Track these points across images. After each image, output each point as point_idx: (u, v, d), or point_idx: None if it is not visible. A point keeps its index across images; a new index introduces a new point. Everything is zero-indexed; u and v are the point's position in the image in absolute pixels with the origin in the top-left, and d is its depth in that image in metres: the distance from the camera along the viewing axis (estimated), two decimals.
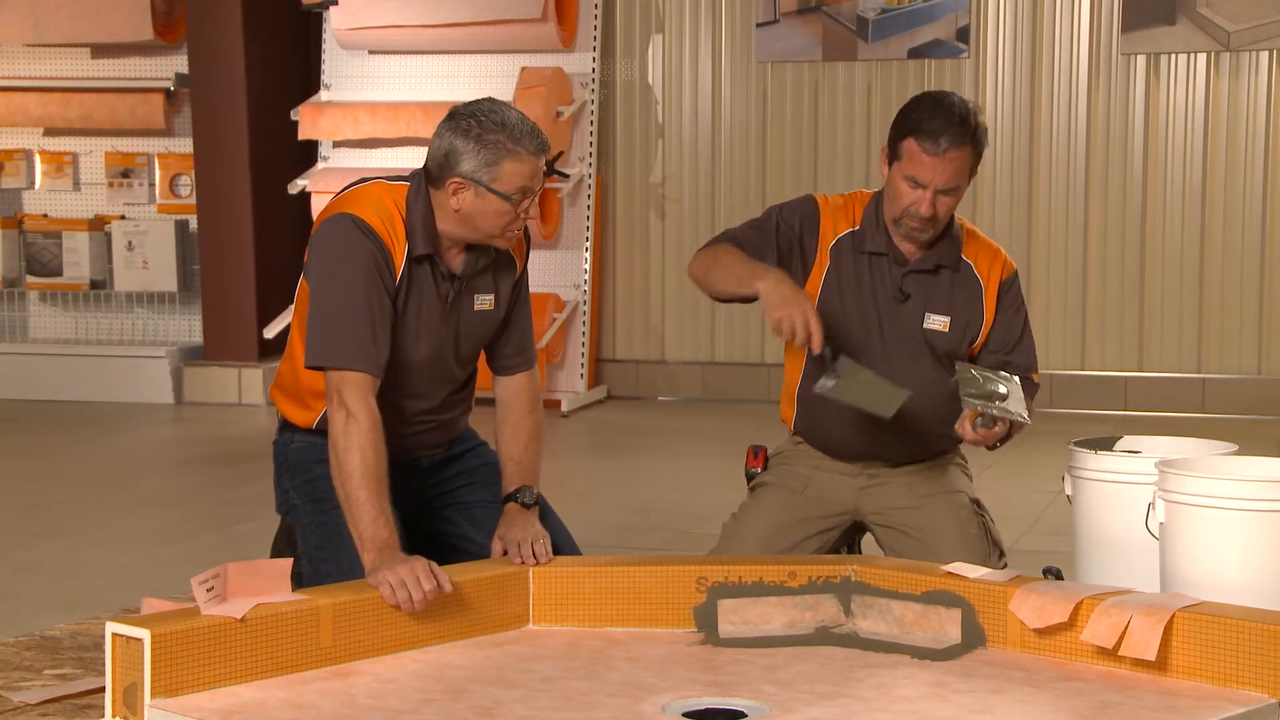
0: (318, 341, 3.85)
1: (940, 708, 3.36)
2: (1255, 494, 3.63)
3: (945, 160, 4.02)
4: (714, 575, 3.92)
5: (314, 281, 3.89)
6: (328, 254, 3.87)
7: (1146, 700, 3.37)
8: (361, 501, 3.72)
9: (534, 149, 3.82)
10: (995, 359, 4.20)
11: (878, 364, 4.11)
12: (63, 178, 9.73)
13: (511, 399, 4.15)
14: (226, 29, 9.09)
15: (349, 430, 3.74)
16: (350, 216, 3.85)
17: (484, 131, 3.78)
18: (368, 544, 3.70)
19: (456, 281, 3.98)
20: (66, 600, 4.74)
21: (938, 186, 4.04)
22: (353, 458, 3.72)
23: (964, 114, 4.03)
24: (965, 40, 8.86)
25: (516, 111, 3.85)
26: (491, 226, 3.87)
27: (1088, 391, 8.84)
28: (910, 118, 4.08)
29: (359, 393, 3.78)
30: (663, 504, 6.42)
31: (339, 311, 3.82)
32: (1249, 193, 8.62)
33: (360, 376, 3.79)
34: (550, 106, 8.65)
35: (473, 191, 3.81)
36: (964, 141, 4.02)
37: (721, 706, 3.41)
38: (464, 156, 3.79)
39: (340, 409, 3.77)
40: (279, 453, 4.18)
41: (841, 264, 4.20)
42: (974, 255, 4.25)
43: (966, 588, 3.77)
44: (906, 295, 4.18)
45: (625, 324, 9.42)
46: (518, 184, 3.81)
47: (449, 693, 3.43)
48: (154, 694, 3.26)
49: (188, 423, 8.69)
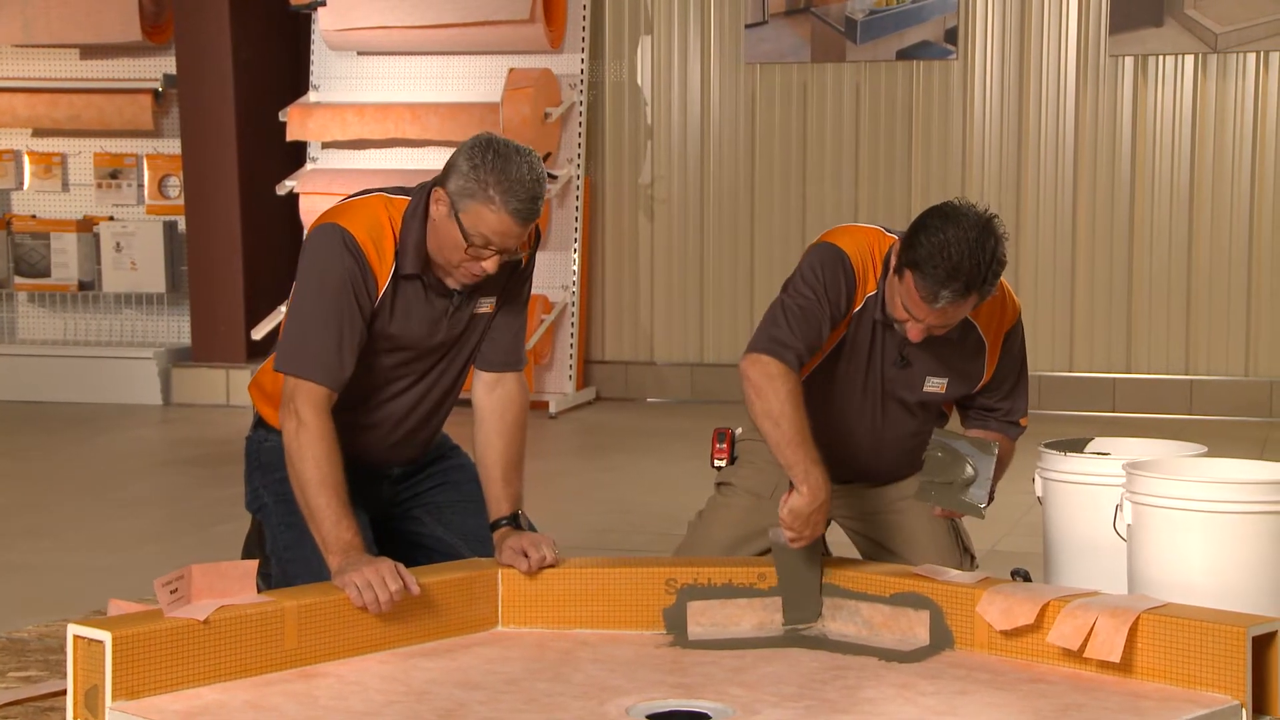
0: (285, 347, 3.85)
1: (905, 709, 3.36)
2: (1220, 495, 3.63)
3: (940, 311, 3.80)
4: (683, 577, 3.92)
5: (295, 288, 3.89)
6: (310, 264, 3.86)
7: (1110, 702, 3.37)
8: (321, 507, 3.72)
9: (513, 211, 3.71)
10: (986, 402, 4.17)
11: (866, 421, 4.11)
12: (51, 179, 9.72)
13: (502, 408, 4.05)
14: (214, 30, 9.08)
15: (300, 438, 3.74)
16: (338, 229, 3.84)
17: (483, 166, 3.71)
18: (331, 547, 3.70)
19: (456, 296, 3.93)
20: (39, 602, 4.73)
21: (930, 324, 3.86)
22: (308, 466, 3.72)
23: (975, 263, 3.71)
24: (953, 41, 8.86)
25: (533, 174, 3.73)
26: (448, 255, 3.81)
27: (1076, 393, 8.83)
28: (922, 246, 3.76)
29: (311, 402, 3.77)
30: (645, 505, 6.41)
31: (309, 323, 3.82)
32: (1236, 194, 8.62)
33: (316, 388, 3.79)
34: (538, 107, 8.65)
35: (446, 210, 3.77)
36: (967, 295, 3.77)
37: (685, 708, 3.40)
38: (455, 175, 3.75)
39: (292, 417, 3.77)
40: (251, 449, 4.18)
41: (860, 329, 4.05)
42: (980, 312, 4.02)
43: (935, 590, 3.77)
44: (908, 362, 4.07)
45: (614, 325, 9.41)
46: (479, 230, 3.73)
47: (412, 694, 3.42)
48: (115, 696, 3.26)
49: (174, 424, 8.69)
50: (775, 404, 3.85)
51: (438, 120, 8.78)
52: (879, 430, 4.14)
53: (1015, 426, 4.18)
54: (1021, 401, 4.18)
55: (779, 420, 3.84)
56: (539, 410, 8.70)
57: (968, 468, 3.93)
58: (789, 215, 9.14)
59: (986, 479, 3.93)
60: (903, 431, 4.13)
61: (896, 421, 4.14)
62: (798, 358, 3.91)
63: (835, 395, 4.11)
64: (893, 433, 4.13)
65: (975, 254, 3.71)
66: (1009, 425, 4.18)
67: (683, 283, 9.23)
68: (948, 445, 3.97)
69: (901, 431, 4.13)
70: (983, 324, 4.07)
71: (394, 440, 4.09)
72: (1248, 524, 3.61)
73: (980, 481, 3.92)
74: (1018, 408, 4.18)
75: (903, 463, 4.13)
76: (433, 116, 8.80)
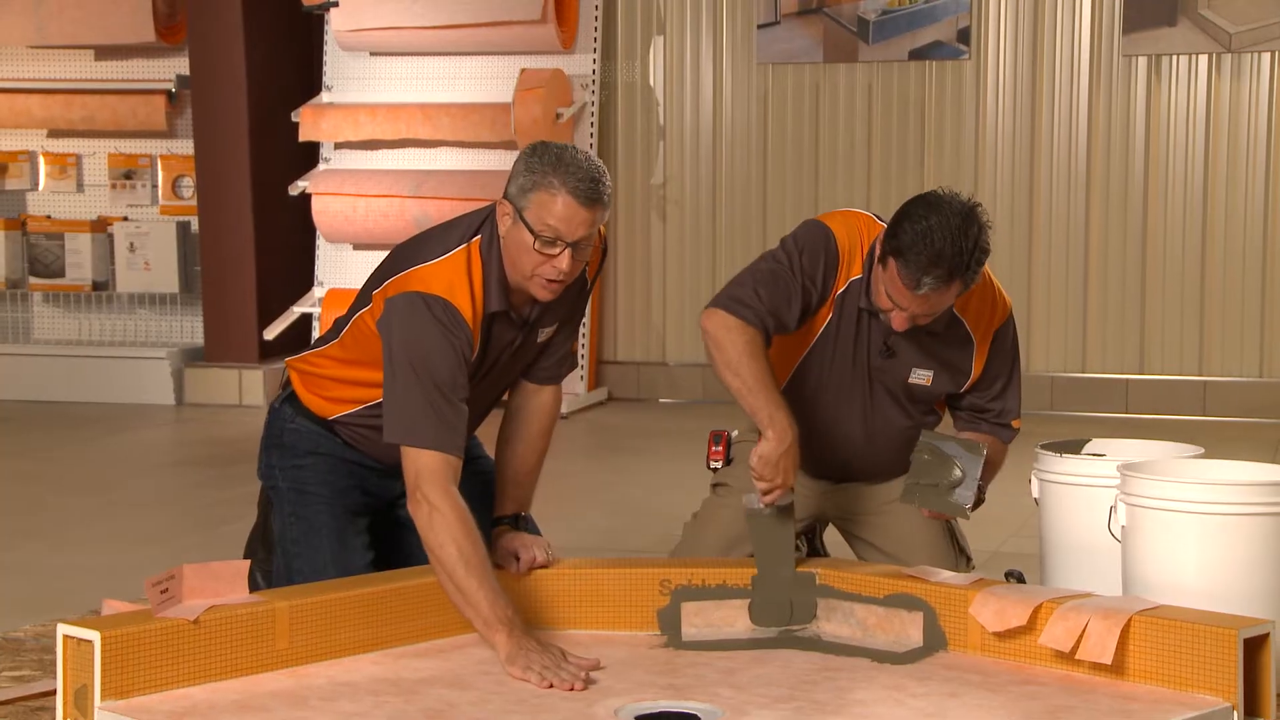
0: (400, 419, 3.72)
1: (894, 711, 3.36)
2: (1213, 497, 3.61)
3: (924, 298, 3.81)
4: (678, 578, 3.92)
5: (397, 359, 3.73)
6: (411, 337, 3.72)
7: (1101, 704, 3.36)
8: (473, 589, 3.62)
9: (574, 190, 3.65)
10: (977, 402, 4.16)
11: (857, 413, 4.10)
12: (66, 179, 9.74)
13: (534, 412, 4.06)
14: (227, 31, 9.09)
15: (434, 524, 3.63)
16: (433, 300, 3.72)
17: (540, 161, 3.68)
18: (495, 625, 3.60)
19: (526, 326, 3.90)
20: (39, 601, 4.74)
21: (914, 313, 3.87)
22: (449, 552, 3.62)
23: (958, 249, 3.73)
24: (966, 42, 8.84)
25: (589, 161, 3.69)
26: (523, 264, 3.72)
27: (1089, 394, 8.80)
28: (905, 234, 3.78)
29: (438, 482, 3.65)
30: (652, 506, 6.40)
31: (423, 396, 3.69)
32: (1250, 194, 8.58)
33: (441, 460, 3.67)
34: (550, 108, 8.64)
35: (511, 217, 3.72)
36: (950, 282, 3.77)
37: (674, 710, 3.40)
38: (514, 180, 3.72)
39: (422, 503, 3.65)
40: (274, 422, 4.12)
41: (843, 314, 4.05)
42: (968, 307, 4.06)
43: (928, 591, 3.77)
44: (893, 352, 4.07)
45: (626, 326, 9.41)
46: (544, 219, 3.65)
47: (402, 695, 3.43)
48: (104, 696, 3.27)
49: (186, 424, 8.70)
50: (733, 354, 3.88)
51: (449, 121, 8.78)
52: (870, 423, 4.13)
53: (1007, 429, 4.17)
54: (1013, 402, 4.16)
55: (738, 369, 3.87)
56: None
57: (955, 470, 3.92)
58: (801, 215, 9.07)
59: (973, 480, 3.91)
60: (894, 426, 4.11)
61: (887, 415, 4.13)
62: (758, 318, 3.91)
63: (824, 385, 4.10)
64: (884, 427, 4.12)
65: (958, 241, 3.73)
66: (1000, 428, 4.16)
67: (695, 283, 9.21)
68: (935, 447, 3.96)
69: (893, 426, 4.12)
70: (970, 319, 4.07)
71: None
72: (1241, 525, 3.60)
73: (967, 483, 3.91)
74: (1009, 409, 4.16)
75: (896, 460, 4.12)
76: (444, 117, 8.80)
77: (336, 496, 4.00)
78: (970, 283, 3.82)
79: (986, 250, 3.80)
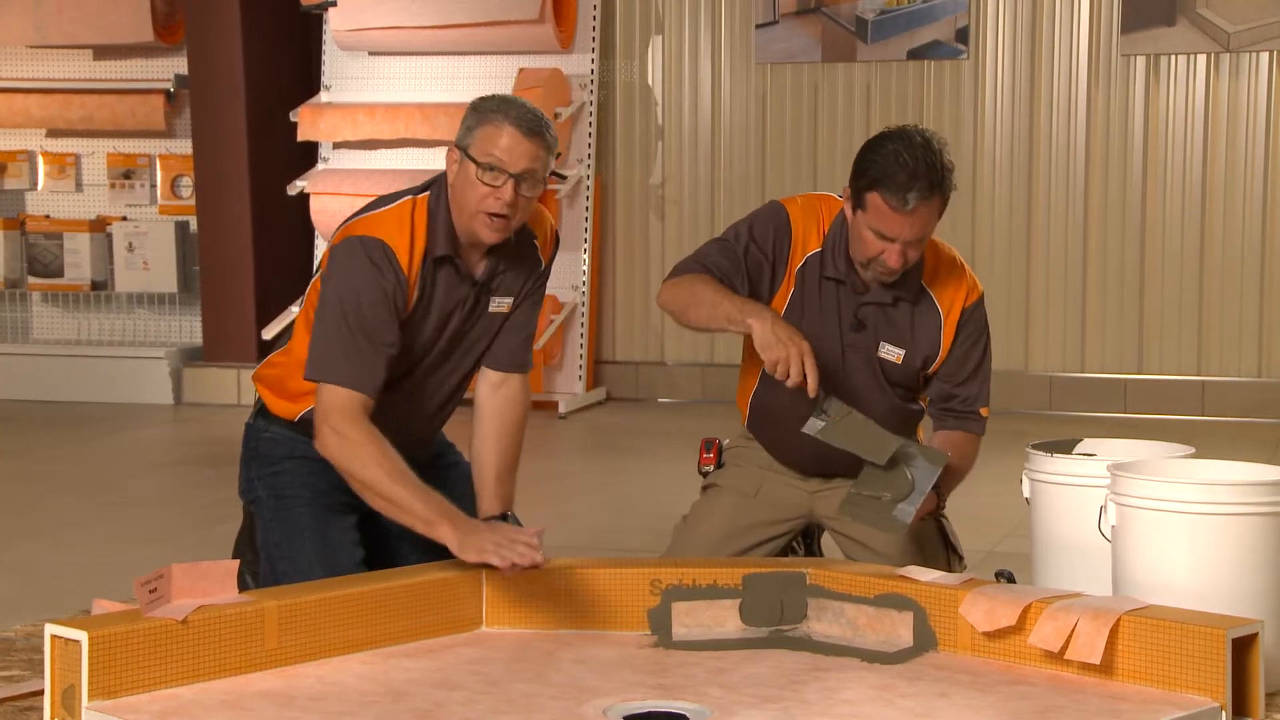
0: (316, 358, 3.85)
1: (883, 711, 3.35)
2: (1202, 497, 3.60)
3: (914, 216, 3.88)
4: (668, 578, 3.92)
5: (327, 298, 3.86)
6: (340, 277, 3.85)
7: (1090, 704, 3.36)
8: (403, 497, 3.74)
9: (517, 123, 3.77)
10: (944, 388, 4.17)
11: (834, 388, 4.08)
12: (65, 179, 9.75)
13: (504, 409, 4.07)
14: (226, 30, 9.09)
15: (345, 449, 3.76)
16: (369, 240, 3.84)
17: (483, 103, 3.84)
18: (436, 520, 3.72)
19: (476, 286, 3.96)
20: (32, 601, 4.74)
21: (906, 239, 3.92)
22: (369, 469, 3.74)
23: (930, 163, 3.87)
24: (964, 41, 8.83)
25: (532, 106, 3.84)
26: (471, 201, 3.81)
27: (1087, 394, 8.80)
28: (875, 166, 3.91)
29: (346, 414, 3.77)
30: (647, 506, 6.40)
31: (345, 336, 3.81)
32: (1249, 194, 8.57)
33: (348, 395, 3.78)
34: (548, 107, 8.63)
35: (458, 159, 3.84)
36: (932, 195, 3.88)
37: (662, 709, 3.40)
38: (462, 126, 3.85)
39: (330, 434, 3.78)
40: (249, 438, 4.18)
41: (806, 287, 4.11)
42: (936, 282, 4.13)
43: (919, 591, 3.76)
44: (862, 325, 4.11)
45: (625, 325, 9.40)
46: (488, 149, 3.77)
47: (390, 695, 3.42)
48: (91, 696, 3.26)
49: (185, 424, 8.70)
50: (691, 291, 4.00)
51: (448, 120, 8.77)
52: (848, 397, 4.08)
53: (975, 419, 4.17)
54: (980, 389, 4.18)
55: (700, 298, 3.97)
56: (549, 410, 8.70)
57: (904, 481, 3.91)
58: None
59: (921, 495, 3.91)
60: (877, 408, 4.08)
61: (866, 394, 4.12)
62: (700, 265, 4.05)
63: None
64: (865, 407, 4.07)
65: (928, 156, 3.89)
66: (968, 418, 4.16)
67: None
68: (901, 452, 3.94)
69: (875, 407, 4.08)
70: (938, 291, 4.12)
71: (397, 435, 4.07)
72: (1231, 525, 3.59)
73: (913, 498, 3.91)
74: (977, 396, 4.17)
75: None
76: (443, 117, 8.80)
77: (317, 497, 4.00)
78: (949, 196, 3.94)
79: (952, 166, 3.94)
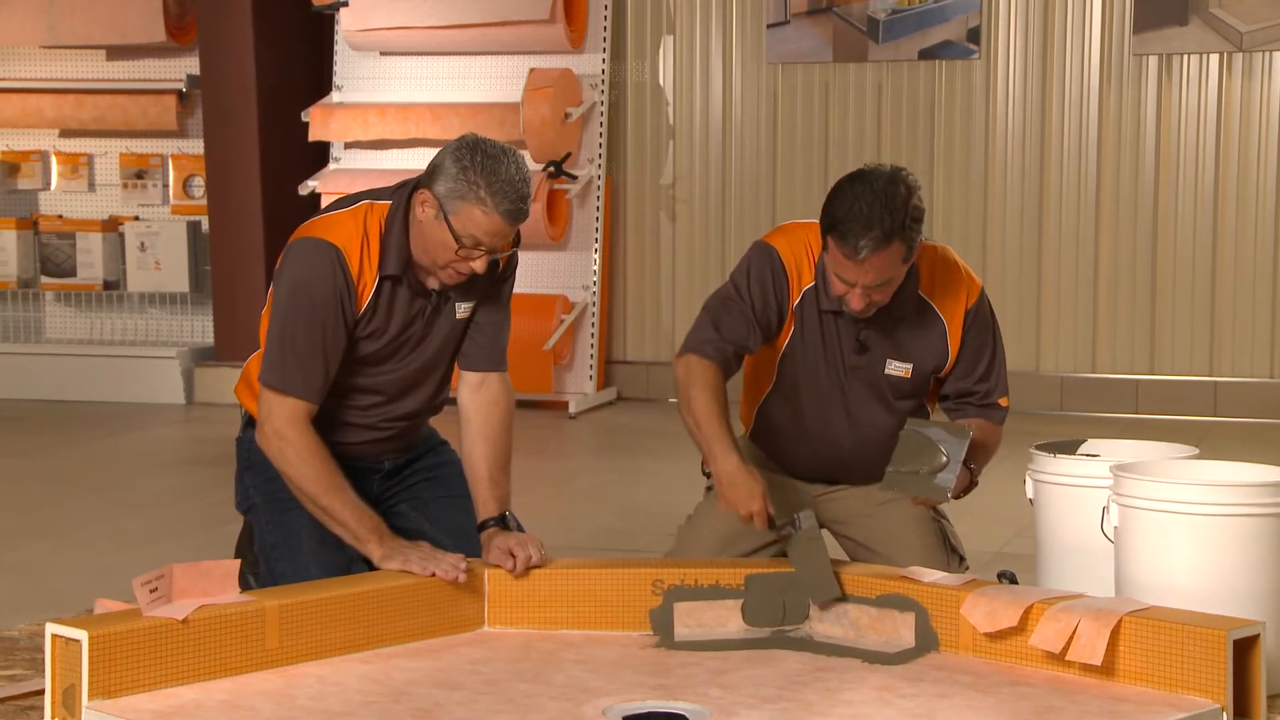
0: (269, 362, 3.93)
1: (882, 712, 3.35)
2: (1205, 498, 3.60)
3: (866, 265, 3.86)
4: (670, 578, 3.92)
5: (277, 300, 3.93)
6: (293, 277, 3.91)
7: (1090, 705, 3.35)
8: (335, 508, 3.83)
9: (505, 212, 3.79)
10: (960, 386, 4.16)
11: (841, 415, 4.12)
12: (78, 179, 9.76)
13: (487, 410, 4.07)
14: (238, 31, 9.10)
15: (286, 455, 3.86)
16: (322, 244, 3.89)
17: (473, 168, 3.78)
18: (365, 537, 3.81)
19: (435, 296, 3.98)
20: (39, 600, 4.74)
21: (864, 284, 3.90)
22: (307, 478, 3.85)
23: (888, 209, 3.81)
24: (976, 41, 8.82)
25: (520, 174, 3.81)
26: (435, 254, 3.86)
27: (1099, 394, 8.78)
28: (833, 209, 3.89)
29: (291, 419, 3.86)
30: (655, 506, 6.39)
31: (293, 338, 3.88)
32: (1262, 194, 8.55)
33: (291, 404, 3.87)
34: (558, 108, 8.64)
35: (434, 212, 3.82)
36: (888, 243, 3.83)
37: (662, 710, 3.40)
38: (443, 176, 3.81)
39: (272, 438, 3.88)
40: (242, 450, 4.21)
41: (805, 323, 4.11)
42: (935, 291, 4.10)
43: (921, 592, 3.76)
44: (866, 347, 4.10)
45: (636, 325, 9.39)
46: (470, 230, 3.79)
47: (390, 694, 3.43)
48: (92, 695, 3.27)
49: (195, 423, 8.71)
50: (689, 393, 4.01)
51: (458, 120, 8.77)
52: (855, 425, 4.13)
53: (995, 409, 4.16)
54: (997, 381, 4.17)
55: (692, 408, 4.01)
56: (559, 410, 8.70)
57: (939, 455, 3.90)
58: (811, 215, 8.99)
59: (956, 464, 3.88)
60: (880, 426, 4.10)
61: (871, 415, 4.13)
62: (718, 351, 4.03)
63: (803, 393, 4.13)
64: (869, 428, 4.11)
65: (885, 202, 3.82)
66: (988, 409, 4.15)
67: (704, 283, 9.18)
68: (919, 433, 3.94)
69: (879, 426, 4.10)
70: (938, 300, 4.10)
71: (380, 437, 4.11)
72: (1233, 526, 3.58)
73: (950, 467, 3.88)
74: (994, 388, 4.17)
75: (886, 461, 4.11)
76: (453, 117, 8.80)
77: None
78: (912, 241, 3.87)
79: (919, 209, 3.89)
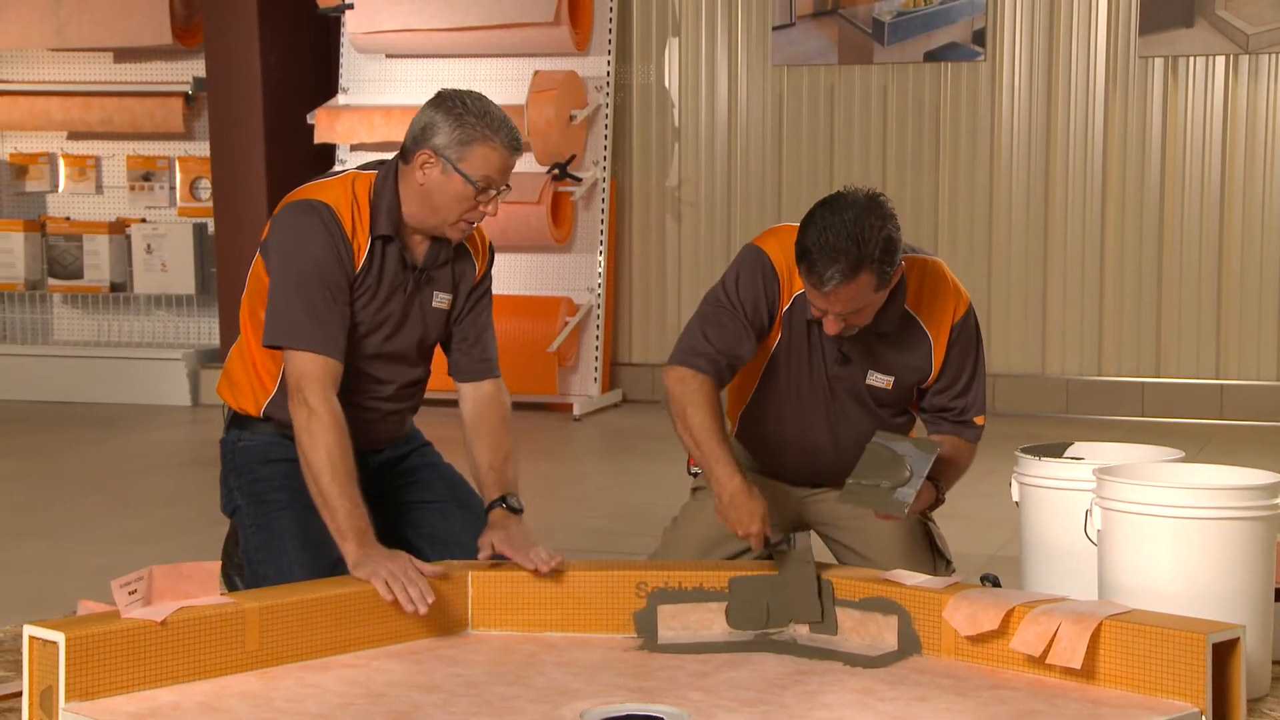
0: (278, 321, 3.89)
1: (861, 715, 3.34)
2: (1187, 501, 3.58)
3: (833, 297, 3.80)
4: (654, 580, 3.91)
5: (275, 265, 3.93)
6: (290, 239, 3.92)
7: (1070, 709, 3.34)
8: (335, 496, 3.78)
9: (508, 143, 3.87)
10: (938, 400, 4.14)
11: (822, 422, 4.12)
12: (85, 181, 9.79)
13: (484, 409, 4.11)
14: (244, 33, 9.10)
15: (312, 428, 3.80)
16: (314, 203, 3.92)
17: (465, 113, 3.85)
18: (347, 534, 3.76)
19: (417, 271, 4.02)
20: (29, 601, 4.74)
21: (837, 312, 3.86)
22: (319, 455, 3.78)
23: (855, 241, 3.72)
24: (981, 43, 8.80)
25: (499, 108, 3.92)
26: (449, 210, 3.90)
27: (1105, 397, 8.76)
28: (804, 238, 3.80)
29: (319, 387, 3.83)
30: (653, 508, 6.36)
31: (303, 297, 3.87)
32: (1268, 196, 8.52)
33: (321, 363, 3.84)
34: (563, 110, 8.64)
35: (440, 168, 3.87)
36: (855, 275, 3.76)
37: (639, 713, 3.39)
38: (440, 131, 3.86)
39: (302, 406, 3.82)
40: (226, 452, 4.20)
41: (793, 331, 4.08)
42: (922, 306, 4.05)
43: (903, 595, 3.75)
44: (848, 358, 4.08)
45: (641, 328, 9.39)
46: (484, 171, 3.85)
47: (369, 697, 3.42)
48: (68, 697, 3.27)
49: (200, 425, 8.72)
50: (684, 408, 3.96)
51: None
52: (837, 431, 4.13)
53: (969, 426, 4.14)
54: (975, 399, 4.14)
55: (688, 424, 3.96)
56: (564, 412, 8.71)
57: (903, 470, 3.89)
58: None
59: (919, 479, 3.87)
60: (862, 432, 4.08)
61: (853, 421, 4.12)
62: (711, 363, 3.98)
63: (787, 399, 4.12)
64: (851, 433, 4.11)
65: (855, 233, 3.74)
66: (962, 426, 4.13)
67: (709, 285, 9.12)
68: (886, 446, 3.93)
69: (861, 432, 4.08)
70: (924, 315, 4.06)
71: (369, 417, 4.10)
72: (1215, 530, 3.57)
73: (913, 482, 3.88)
74: (971, 405, 4.13)
75: None
76: None
77: (296, 498, 3.99)
78: (884, 273, 3.80)
79: (893, 239, 3.79)
